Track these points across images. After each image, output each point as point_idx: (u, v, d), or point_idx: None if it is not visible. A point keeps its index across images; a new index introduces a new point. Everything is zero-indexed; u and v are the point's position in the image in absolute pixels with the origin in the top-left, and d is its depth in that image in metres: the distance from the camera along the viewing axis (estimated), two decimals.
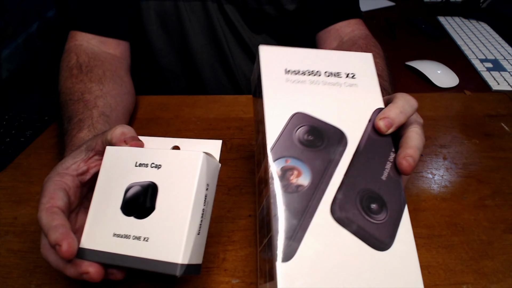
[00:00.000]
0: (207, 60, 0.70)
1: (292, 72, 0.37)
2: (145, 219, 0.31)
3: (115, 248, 0.31)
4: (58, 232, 0.31)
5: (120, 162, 0.34)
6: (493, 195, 0.47)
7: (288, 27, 0.71)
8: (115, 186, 0.33)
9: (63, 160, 0.37)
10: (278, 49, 0.39)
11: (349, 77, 0.38)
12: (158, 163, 0.32)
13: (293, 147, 0.33)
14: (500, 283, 0.38)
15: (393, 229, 0.31)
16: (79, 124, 0.46)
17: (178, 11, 0.66)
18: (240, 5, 0.66)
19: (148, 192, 0.32)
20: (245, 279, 0.38)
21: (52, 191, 0.34)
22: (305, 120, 0.35)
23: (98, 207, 0.33)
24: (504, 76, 0.77)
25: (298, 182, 0.32)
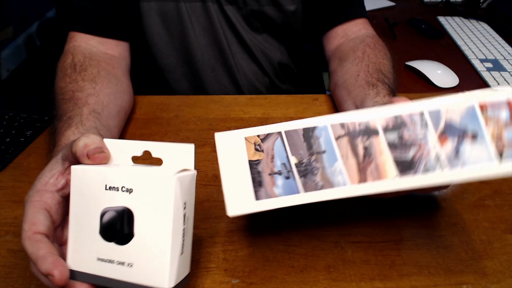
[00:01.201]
0: (208, 60, 0.70)
1: None
2: (126, 245, 0.31)
3: (102, 271, 0.31)
4: (48, 262, 0.30)
5: (90, 184, 0.32)
6: (493, 195, 0.47)
7: (289, 28, 0.71)
8: (89, 210, 0.32)
9: (41, 173, 0.35)
10: None
11: None
12: (129, 187, 0.31)
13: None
14: (500, 283, 0.38)
15: None
16: (68, 122, 0.46)
17: (179, 12, 0.66)
18: (240, 6, 0.66)
19: (124, 218, 0.31)
20: (245, 279, 0.38)
21: (32, 215, 0.33)
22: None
23: (77, 230, 0.32)
24: (504, 76, 0.77)
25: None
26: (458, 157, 0.29)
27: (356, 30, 0.65)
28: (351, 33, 0.65)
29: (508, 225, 0.43)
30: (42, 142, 0.56)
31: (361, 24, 0.66)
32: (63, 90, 0.52)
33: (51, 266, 0.30)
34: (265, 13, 0.67)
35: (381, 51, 0.60)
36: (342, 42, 0.66)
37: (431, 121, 0.30)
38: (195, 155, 0.33)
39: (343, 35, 0.66)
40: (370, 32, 0.65)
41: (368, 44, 0.61)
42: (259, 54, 0.72)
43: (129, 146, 0.34)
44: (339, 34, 0.66)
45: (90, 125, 0.46)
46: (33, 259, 0.31)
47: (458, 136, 0.29)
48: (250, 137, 0.32)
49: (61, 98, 0.51)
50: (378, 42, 0.62)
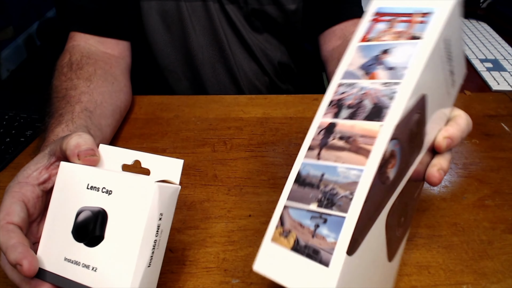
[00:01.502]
0: (208, 60, 0.70)
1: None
2: (94, 247, 0.30)
3: (66, 273, 0.30)
4: (17, 251, 0.30)
5: (73, 182, 0.32)
6: (493, 195, 0.47)
7: (290, 27, 0.71)
8: (67, 208, 0.32)
9: (26, 165, 0.35)
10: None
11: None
12: (109, 189, 0.30)
13: (405, 132, 0.27)
14: (500, 283, 0.38)
15: (400, 245, 0.33)
16: (59, 119, 0.46)
17: (179, 11, 0.66)
18: (241, 5, 0.66)
19: (98, 220, 0.30)
20: (245, 279, 0.38)
21: (9, 205, 0.32)
22: (422, 110, 0.29)
23: (51, 227, 0.32)
24: (504, 76, 0.77)
25: (389, 174, 0.27)
26: (393, 71, 0.28)
27: (353, 31, 0.65)
28: (349, 34, 0.65)
29: (508, 225, 0.43)
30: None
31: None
32: (58, 88, 0.52)
33: (20, 256, 0.29)
34: (266, 12, 0.67)
35: None
36: (340, 43, 0.65)
37: (349, 79, 0.29)
38: (181, 171, 0.32)
39: (341, 35, 0.66)
40: None
41: None
42: (259, 53, 0.72)
43: (121, 154, 0.34)
44: (337, 34, 0.66)
45: (80, 123, 0.45)
46: (3, 248, 0.30)
47: (376, 64, 0.28)
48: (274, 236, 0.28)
49: (54, 96, 0.51)
50: None
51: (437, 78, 0.30)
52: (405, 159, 0.28)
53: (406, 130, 0.27)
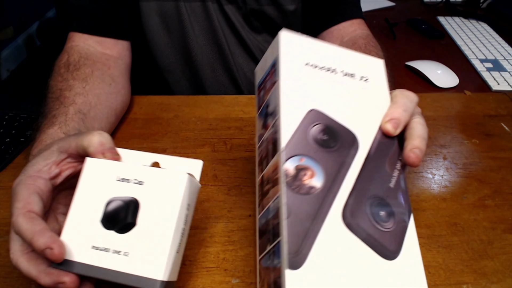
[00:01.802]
0: (208, 60, 0.70)
1: (311, 66, 0.36)
2: (125, 234, 0.31)
3: (94, 261, 0.31)
4: (47, 236, 0.30)
5: (101, 175, 0.33)
6: (493, 195, 0.47)
7: (289, 27, 0.71)
8: (95, 199, 0.33)
9: (34, 161, 0.36)
10: (299, 38, 0.37)
11: (362, 80, 0.37)
12: (141, 180, 0.32)
13: (308, 145, 0.32)
14: (500, 283, 0.38)
15: (400, 238, 0.30)
16: (52, 120, 0.45)
17: (178, 12, 0.66)
18: (240, 6, 0.66)
19: (130, 208, 0.32)
20: (245, 279, 0.38)
21: (26, 195, 0.33)
22: (321, 119, 0.33)
23: (75, 218, 0.32)
24: (504, 76, 0.77)
25: (311, 184, 0.30)
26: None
27: (351, 31, 0.65)
28: (346, 35, 0.65)
29: (508, 225, 0.43)
30: None
31: (357, 24, 0.66)
32: (53, 88, 0.51)
33: (50, 240, 0.30)
34: (264, 13, 0.67)
35: (372, 51, 0.60)
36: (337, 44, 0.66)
37: (259, 140, 0.37)
38: (201, 171, 0.34)
39: (338, 36, 0.66)
40: (364, 33, 0.65)
41: (359, 45, 0.61)
42: (258, 54, 0.72)
43: (138, 157, 0.35)
44: (334, 35, 0.67)
45: (73, 126, 0.45)
46: (28, 235, 0.30)
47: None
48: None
49: (49, 96, 0.50)
50: (369, 43, 0.62)
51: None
52: (331, 163, 0.32)
53: (308, 142, 0.32)
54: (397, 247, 0.30)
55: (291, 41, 0.37)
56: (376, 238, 0.30)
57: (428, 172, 0.51)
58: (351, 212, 0.30)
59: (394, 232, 0.30)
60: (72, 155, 0.36)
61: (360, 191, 0.31)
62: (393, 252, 0.30)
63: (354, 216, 0.30)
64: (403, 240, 0.30)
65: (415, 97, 0.38)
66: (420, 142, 0.35)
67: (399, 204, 0.32)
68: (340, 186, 0.31)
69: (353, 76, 0.37)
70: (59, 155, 0.36)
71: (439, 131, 0.58)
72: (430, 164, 0.52)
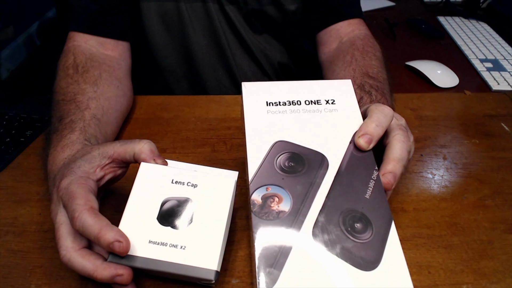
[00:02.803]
0: (208, 60, 0.70)
1: (274, 104, 0.39)
2: (181, 229, 0.34)
3: (151, 254, 0.33)
4: (115, 230, 0.33)
5: (156, 178, 0.37)
6: (493, 195, 0.47)
7: (289, 28, 0.71)
8: (151, 199, 0.36)
9: (78, 163, 0.38)
10: (260, 84, 0.41)
11: (329, 103, 0.40)
12: (195, 183, 0.36)
13: (274, 175, 0.35)
14: (500, 283, 0.38)
15: (380, 247, 0.31)
16: (71, 125, 0.46)
17: (179, 12, 0.66)
18: (241, 6, 0.66)
19: (185, 207, 0.35)
20: (245, 279, 0.38)
21: (84, 193, 0.35)
22: (286, 148, 0.36)
23: (131, 216, 0.35)
24: (504, 76, 0.77)
25: (279, 209, 0.33)
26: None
27: (349, 31, 0.65)
28: (344, 35, 0.65)
29: (508, 225, 0.43)
30: (42, 142, 0.56)
31: (355, 24, 0.66)
32: (64, 90, 0.51)
33: (118, 234, 0.32)
34: (265, 13, 0.67)
35: (369, 53, 0.59)
36: (335, 46, 0.65)
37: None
38: (235, 184, 0.37)
39: (336, 37, 0.66)
40: (362, 33, 0.65)
41: (357, 47, 0.61)
42: (259, 54, 0.72)
43: (180, 166, 0.38)
44: (333, 35, 0.66)
45: (91, 133, 0.46)
46: (96, 229, 0.32)
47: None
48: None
49: (61, 99, 0.50)
50: (367, 43, 0.62)
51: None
52: (299, 186, 0.34)
53: (275, 171, 0.35)
54: (377, 256, 0.30)
55: (252, 88, 0.41)
56: (352, 251, 0.30)
57: (428, 172, 0.51)
58: (322, 228, 0.32)
59: (372, 243, 0.31)
60: (116, 160, 0.39)
61: (332, 207, 0.33)
62: (372, 262, 0.30)
63: (325, 232, 0.31)
64: (383, 249, 0.31)
65: (389, 111, 0.39)
66: (394, 166, 0.36)
67: (377, 213, 0.32)
68: (310, 206, 0.33)
69: (319, 102, 0.40)
70: (101, 160, 0.38)
71: (439, 131, 0.58)
72: (430, 164, 0.52)
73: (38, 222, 0.44)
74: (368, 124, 0.37)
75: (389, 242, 0.31)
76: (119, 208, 0.36)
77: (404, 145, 0.38)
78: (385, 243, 0.31)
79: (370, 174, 0.35)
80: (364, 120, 0.38)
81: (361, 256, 0.30)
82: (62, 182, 0.37)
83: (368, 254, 0.30)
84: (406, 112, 0.62)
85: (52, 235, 0.42)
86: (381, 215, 0.32)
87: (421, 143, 0.55)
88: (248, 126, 0.38)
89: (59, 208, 0.36)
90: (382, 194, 0.34)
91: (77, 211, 0.33)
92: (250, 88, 0.41)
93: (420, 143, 0.55)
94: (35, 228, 0.43)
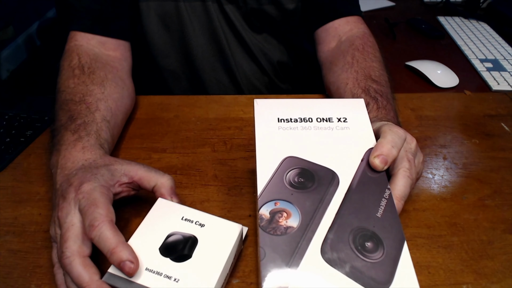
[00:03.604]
0: (208, 60, 0.70)
1: (285, 120, 0.40)
2: (180, 263, 0.35)
3: (144, 281, 0.33)
4: (129, 250, 0.33)
5: (168, 213, 0.38)
6: (493, 195, 0.47)
7: (289, 27, 0.71)
8: (158, 230, 0.37)
9: (101, 172, 0.39)
10: (272, 101, 0.42)
11: (341, 121, 0.39)
12: (202, 223, 0.38)
13: (283, 190, 0.34)
14: (500, 283, 0.38)
15: (392, 267, 0.30)
16: (86, 128, 0.46)
17: (178, 11, 0.66)
18: (240, 5, 0.66)
19: (189, 242, 0.36)
20: (245, 279, 0.38)
21: (106, 204, 0.36)
22: (296, 163, 0.36)
23: (135, 242, 0.36)
24: (504, 76, 0.77)
25: (287, 224, 0.32)
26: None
27: (347, 30, 0.65)
28: (343, 34, 0.65)
29: (508, 225, 0.43)
30: (42, 142, 0.56)
31: (353, 22, 0.65)
32: (72, 90, 0.51)
33: (133, 255, 0.33)
34: (265, 12, 0.67)
35: (370, 53, 0.59)
36: (334, 45, 0.65)
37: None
38: (242, 233, 0.38)
39: (335, 35, 0.65)
40: (361, 31, 0.64)
41: (357, 47, 0.60)
42: (258, 53, 0.72)
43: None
44: (331, 33, 0.66)
45: (104, 138, 0.47)
46: (112, 244, 0.33)
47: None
48: None
49: (70, 98, 0.50)
50: (367, 43, 0.61)
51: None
52: (309, 202, 0.33)
53: (284, 186, 0.34)
54: (388, 277, 0.29)
55: (264, 104, 0.41)
56: (362, 271, 0.29)
57: (428, 172, 0.51)
58: (331, 246, 0.31)
59: (383, 262, 0.30)
60: (134, 183, 0.40)
61: (342, 225, 0.32)
62: (383, 283, 0.29)
63: (335, 250, 0.30)
64: (395, 269, 0.30)
65: (403, 133, 0.39)
66: (396, 204, 0.36)
67: (388, 233, 0.31)
68: (319, 223, 0.32)
69: (330, 120, 0.40)
70: (122, 177, 0.40)
71: (439, 131, 0.58)
72: (430, 164, 0.52)
73: (38, 222, 0.44)
74: (384, 144, 0.36)
75: (401, 263, 0.30)
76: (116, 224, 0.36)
77: (408, 181, 0.38)
78: (397, 263, 0.30)
79: (382, 193, 0.34)
80: (378, 140, 0.37)
81: (371, 276, 0.29)
82: (84, 186, 0.37)
83: (379, 274, 0.29)
84: (406, 112, 0.62)
85: None
86: (393, 234, 0.31)
87: (421, 143, 0.55)
88: (258, 141, 0.38)
89: (72, 209, 0.36)
90: (395, 214, 0.33)
91: (98, 220, 0.34)
92: (262, 104, 0.41)
93: (420, 143, 0.55)
94: (35, 228, 0.43)
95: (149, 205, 0.39)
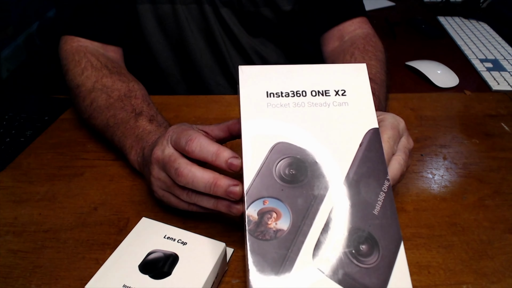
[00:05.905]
0: (206, 62, 0.70)
1: (275, 95, 0.34)
2: (159, 280, 0.34)
3: None
4: (229, 150, 0.34)
5: (150, 231, 0.38)
6: (493, 195, 0.47)
7: (285, 29, 0.71)
8: (139, 247, 0.36)
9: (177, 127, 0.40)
10: (259, 69, 0.36)
11: (338, 94, 0.35)
12: (185, 241, 0.37)
13: (272, 184, 0.31)
14: (500, 283, 0.38)
15: (386, 273, 0.28)
16: (157, 118, 0.49)
17: (175, 14, 0.65)
18: (236, 8, 0.66)
19: (169, 260, 0.35)
20: (245, 279, 0.38)
21: (194, 128, 0.38)
22: (287, 151, 0.32)
23: (115, 259, 0.36)
24: (504, 76, 0.77)
25: (277, 227, 0.29)
26: None
27: (351, 31, 0.65)
28: (346, 34, 0.65)
29: (508, 225, 0.43)
30: (42, 142, 0.56)
31: (358, 23, 0.65)
32: (116, 86, 0.52)
33: (233, 153, 0.35)
34: (261, 15, 0.67)
35: (369, 52, 0.59)
36: (336, 45, 0.65)
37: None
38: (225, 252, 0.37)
39: (339, 36, 0.66)
40: (364, 32, 0.64)
41: (357, 46, 0.60)
42: (255, 57, 0.71)
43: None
44: (335, 35, 0.66)
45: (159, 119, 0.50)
46: (214, 148, 0.35)
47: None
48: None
49: (122, 95, 0.52)
50: (368, 42, 0.61)
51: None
52: (300, 199, 0.30)
53: (273, 180, 0.31)
54: (381, 283, 0.27)
55: (251, 73, 0.35)
56: (355, 278, 0.27)
57: (428, 172, 0.51)
58: (324, 251, 0.28)
59: (377, 267, 0.28)
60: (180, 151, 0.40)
61: (335, 225, 0.29)
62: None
63: (327, 256, 0.28)
64: (390, 274, 0.28)
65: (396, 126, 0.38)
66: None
67: (385, 233, 0.29)
68: (311, 224, 0.29)
69: (327, 93, 0.34)
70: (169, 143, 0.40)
71: (439, 131, 0.58)
72: (430, 164, 0.52)
73: (38, 222, 0.44)
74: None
75: (396, 267, 0.28)
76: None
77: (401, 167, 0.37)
78: (392, 268, 0.28)
79: (381, 185, 0.31)
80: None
81: (365, 284, 0.27)
82: (171, 128, 0.40)
83: (373, 281, 0.27)
84: (406, 112, 0.62)
85: (52, 235, 0.42)
86: (390, 235, 0.29)
87: (421, 143, 0.55)
88: (245, 123, 0.33)
89: (166, 146, 0.38)
90: (393, 210, 0.30)
91: (193, 135, 0.36)
92: (248, 73, 0.35)
93: (420, 143, 0.55)
94: (35, 228, 0.43)
95: (149, 205, 0.39)
